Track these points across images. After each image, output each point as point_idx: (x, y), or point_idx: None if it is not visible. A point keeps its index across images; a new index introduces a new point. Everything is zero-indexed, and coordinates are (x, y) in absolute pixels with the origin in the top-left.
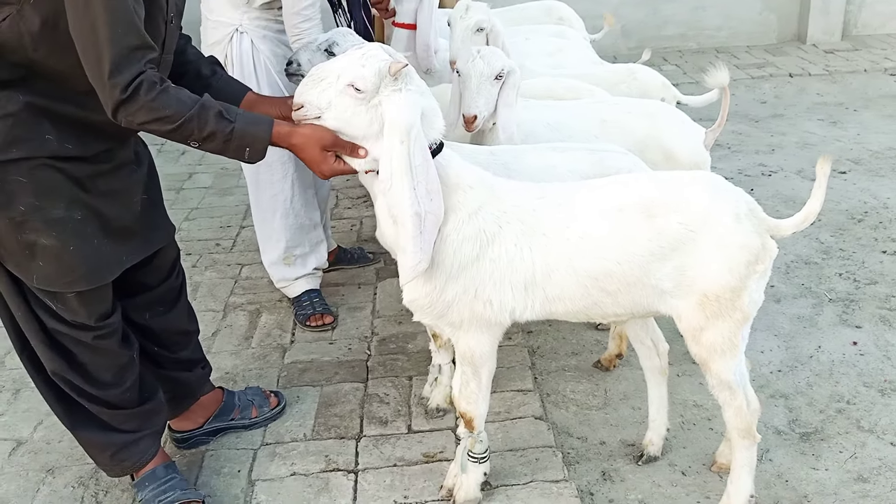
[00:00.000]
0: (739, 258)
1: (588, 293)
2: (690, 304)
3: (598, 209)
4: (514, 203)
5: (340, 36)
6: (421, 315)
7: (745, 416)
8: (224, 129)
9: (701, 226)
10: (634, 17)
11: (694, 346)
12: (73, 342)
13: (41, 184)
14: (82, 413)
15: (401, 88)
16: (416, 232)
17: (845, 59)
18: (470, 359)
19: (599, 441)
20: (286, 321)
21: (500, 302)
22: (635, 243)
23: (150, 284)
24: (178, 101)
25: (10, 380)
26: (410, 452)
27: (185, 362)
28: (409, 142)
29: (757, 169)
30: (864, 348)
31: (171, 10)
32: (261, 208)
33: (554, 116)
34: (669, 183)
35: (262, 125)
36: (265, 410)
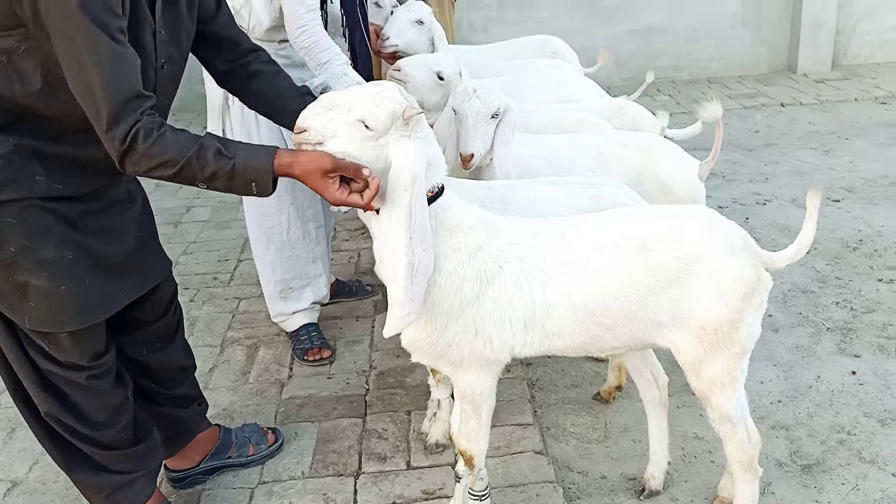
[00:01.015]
0: (735, 291)
1: (587, 328)
2: (688, 337)
3: (594, 244)
4: (512, 241)
5: (335, 79)
6: (419, 356)
7: (746, 449)
8: (225, 166)
9: (696, 259)
10: (627, 50)
11: (694, 380)
12: (66, 383)
13: (31, 224)
14: (77, 454)
15: (409, 135)
16: (407, 282)
17: (836, 89)
18: (470, 397)
19: (600, 475)
20: (284, 356)
21: (501, 340)
22: (632, 278)
23: (147, 320)
24: (177, 144)
25: (4, 419)
26: (410, 489)
27: (181, 399)
28: (412, 191)
29: (751, 198)
30: (863, 377)
31: (160, 56)
32: (257, 241)
33: (550, 151)
34: (665, 217)
35: (263, 157)
36: (262, 448)
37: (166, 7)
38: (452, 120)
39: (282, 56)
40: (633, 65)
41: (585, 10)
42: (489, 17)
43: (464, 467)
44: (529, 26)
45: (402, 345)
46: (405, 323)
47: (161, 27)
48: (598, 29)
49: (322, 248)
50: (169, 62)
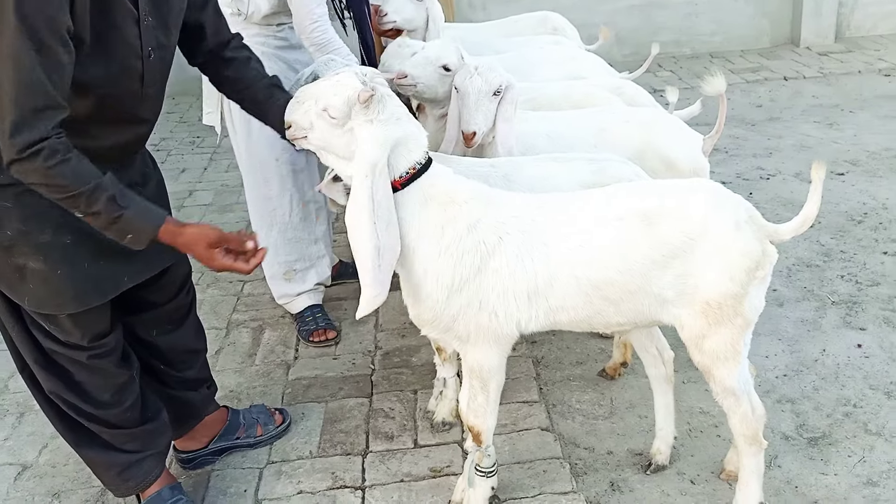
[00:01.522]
0: (740, 265)
1: (590, 302)
2: (693, 312)
3: (598, 218)
4: (514, 213)
5: (322, 67)
6: (427, 329)
7: (750, 422)
8: (112, 213)
9: (701, 234)
10: (628, 25)
11: (696, 354)
12: (68, 361)
13: (27, 209)
14: (84, 431)
15: (372, 119)
16: (374, 265)
17: (839, 62)
18: (478, 372)
19: (607, 451)
20: (289, 337)
21: (506, 313)
22: (636, 252)
23: (157, 302)
24: (76, 176)
25: (13, 403)
26: (417, 467)
27: (190, 381)
28: (372, 177)
29: (755, 172)
30: (869, 350)
31: (147, 44)
32: (260, 224)
33: (552, 127)
34: (669, 191)
35: (151, 221)
36: (270, 428)
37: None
38: (455, 98)
39: (280, 38)
40: (633, 40)
41: None
42: None
43: (472, 443)
44: (529, 3)
45: (410, 317)
46: (374, 304)
47: (148, 14)
48: (598, 5)
49: (323, 228)
50: (157, 49)
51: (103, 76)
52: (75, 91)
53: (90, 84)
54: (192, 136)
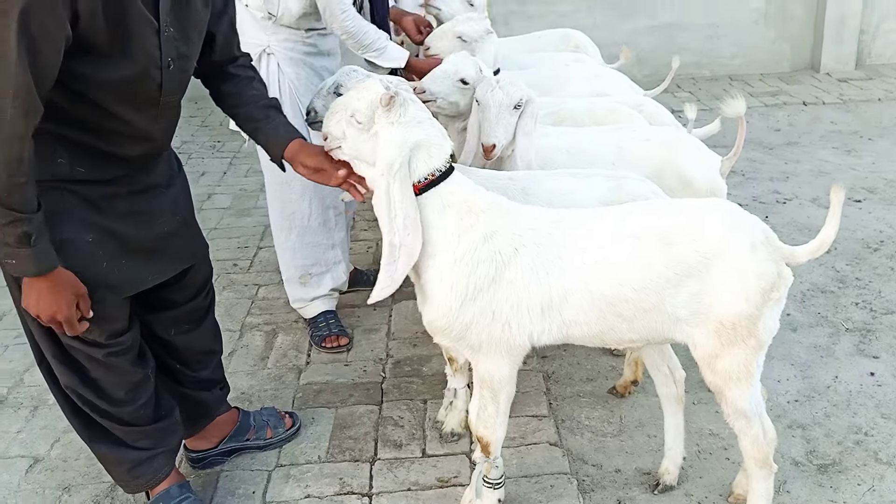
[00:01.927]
0: (755, 286)
1: (604, 318)
2: (706, 331)
3: (615, 234)
4: (530, 226)
5: (345, 76)
6: (440, 337)
7: (761, 445)
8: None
9: (717, 254)
10: (648, 45)
11: (709, 374)
12: (85, 358)
13: (50, 206)
14: (97, 427)
15: (393, 121)
16: (388, 260)
17: (859, 88)
18: (489, 383)
19: (615, 469)
20: (302, 342)
21: (519, 324)
22: (651, 270)
23: (177, 302)
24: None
25: (28, 396)
26: (425, 477)
27: (204, 382)
28: (388, 176)
29: (771, 196)
30: (882, 379)
31: (167, 54)
32: (279, 227)
33: (572, 143)
34: (686, 210)
35: (44, 264)
36: (280, 431)
37: (175, 4)
38: (476, 110)
39: (308, 44)
40: (654, 61)
41: (607, 5)
42: (510, 11)
43: (480, 454)
44: (551, 20)
45: (423, 323)
46: (381, 295)
47: (169, 24)
48: (619, 24)
49: (342, 235)
50: (178, 60)
51: (119, 82)
52: (93, 95)
53: (107, 89)
54: (213, 141)
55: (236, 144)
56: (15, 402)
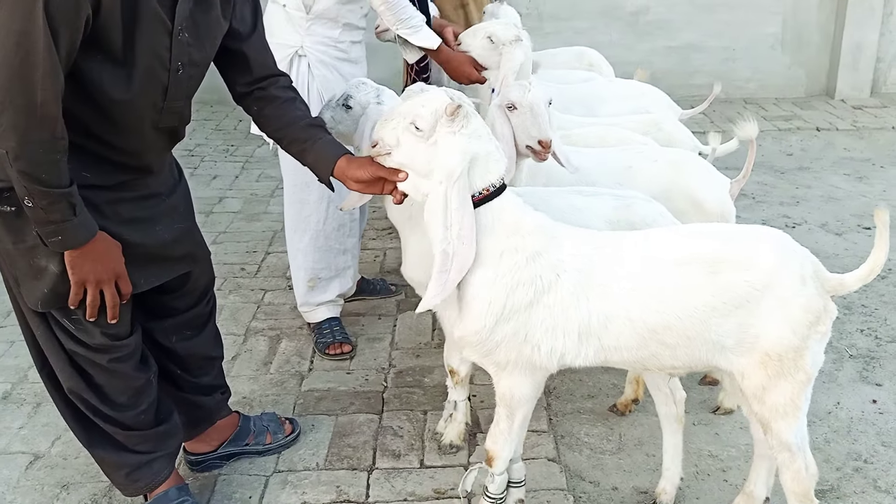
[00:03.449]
0: (803, 320)
1: (646, 345)
2: (752, 362)
3: (660, 261)
4: (573, 251)
5: (354, 88)
6: (469, 352)
7: (803, 479)
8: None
9: (766, 285)
10: (664, 66)
11: (757, 406)
12: (89, 363)
13: None
14: (98, 431)
15: (455, 132)
16: (441, 268)
17: (873, 116)
18: (508, 400)
19: (612, 486)
20: (305, 348)
21: (551, 348)
22: (697, 298)
23: (178, 309)
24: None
25: (31, 393)
26: (422, 488)
27: (205, 387)
28: (447, 184)
29: (781, 220)
30: (884, 407)
31: (177, 59)
32: (293, 229)
33: (578, 161)
34: (736, 238)
35: (91, 228)
36: (279, 437)
37: (195, 9)
38: (504, 117)
39: (340, 50)
40: (668, 81)
41: (624, 24)
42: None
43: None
44: (568, 37)
45: (454, 338)
46: (430, 304)
47: (184, 28)
48: (636, 44)
49: (353, 241)
50: (188, 66)
51: (125, 81)
52: (99, 99)
53: (110, 86)
54: (227, 144)
55: (249, 149)
56: (18, 398)
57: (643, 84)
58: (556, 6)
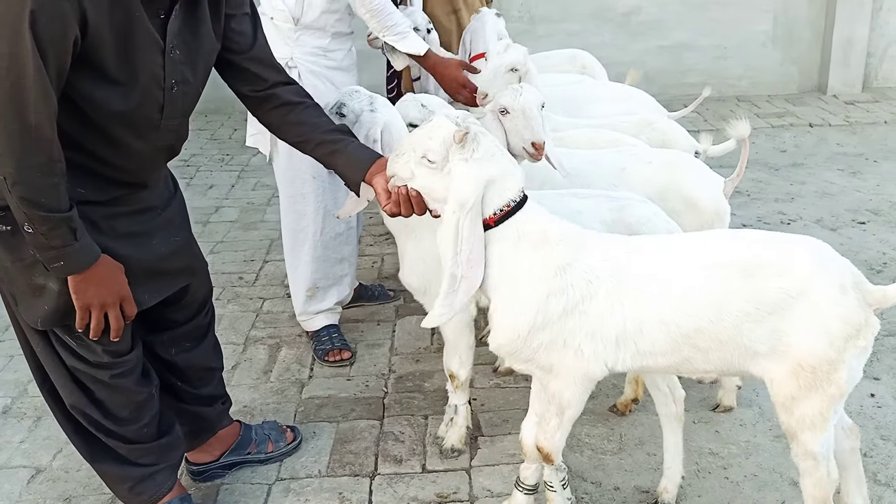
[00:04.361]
0: (840, 331)
1: (679, 349)
2: (784, 371)
3: (693, 265)
4: (605, 257)
5: (347, 96)
6: (509, 361)
7: (824, 486)
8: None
9: (802, 293)
10: (657, 66)
11: (784, 416)
12: (90, 379)
13: None
14: (100, 446)
15: (467, 158)
16: (448, 290)
17: (865, 111)
18: (558, 401)
19: (613, 486)
20: (305, 356)
21: (594, 352)
22: (730, 303)
23: (177, 321)
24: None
25: (31, 407)
26: (424, 492)
27: (206, 398)
28: (459, 214)
29: (776, 217)
30: (882, 400)
31: (171, 76)
32: (291, 240)
33: (572, 163)
34: (773, 244)
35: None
36: (281, 445)
37: (184, 27)
38: (498, 120)
39: (330, 59)
40: (661, 81)
41: (616, 25)
42: (519, 30)
43: (545, 466)
44: (560, 39)
45: (490, 349)
46: (436, 322)
47: (175, 46)
48: (628, 44)
49: (350, 248)
50: (181, 83)
51: (121, 99)
52: (95, 116)
53: (110, 110)
54: (222, 154)
55: (245, 158)
56: (18, 412)
57: (630, 87)
58: (548, 9)
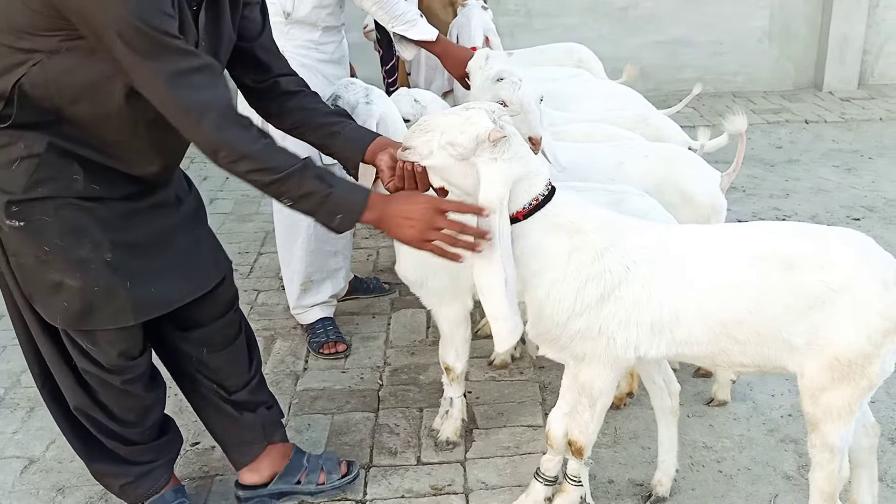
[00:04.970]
0: (880, 327)
1: (716, 339)
2: (819, 364)
3: (733, 255)
4: (643, 244)
5: (343, 88)
6: (544, 349)
7: (834, 481)
8: (321, 191)
9: (844, 287)
10: (653, 61)
11: (809, 405)
12: (99, 382)
13: (66, 224)
14: (99, 447)
15: (496, 158)
16: (507, 297)
17: (861, 108)
18: (589, 391)
19: (608, 480)
20: (300, 348)
21: (626, 339)
22: (770, 295)
23: (205, 319)
24: (283, 155)
25: (24, 398)
26: (419, 484)
27: (244, 403)
28: (498, 213)
29: (771, 213)
30: (876, 396)
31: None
32: (283, 233)
33: (570, 157)
34: (816, 237)
35: (359, 196)
36: (334, 478)
37: (210, 18)
38: None
39: (322, 52)
40: (657, 76)
41: (613, 20)
42: (516, 23)
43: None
44: (557, 33)
45: (529, 337)
46: (516, 335)
47: (203, 37)
48: (625, 39)
49: (344, 242)
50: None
51: None
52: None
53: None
54: None
55: None
56: (11, 402)
57: (620, 85)
58: (545, 3)
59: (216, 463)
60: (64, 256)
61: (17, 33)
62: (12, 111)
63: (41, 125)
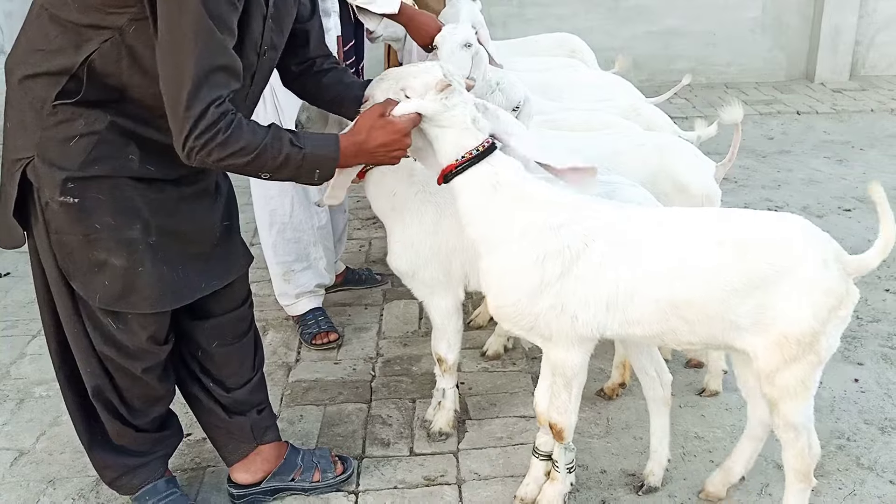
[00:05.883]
0: (824, 303)
1: (666, 319)
2: (767, 343)
3: (685, 238)
4: (604, 221)
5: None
6: (509, 326)
7: (805, 458)
8: (297, 154)
9: (789, 268)
10: (646, 51)
11: (767, 387)
12: (116, 367)
13: (120, 203)
14: (102, 436)
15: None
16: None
17: (853, 99)
18: (562, 371)
19: (600, 469)
20: (292, 339)
21: (586, 318)
22: (720, 277)
23: (219, 311)
24: (252, 131)
25: (14, 389)
26: (411, 475)
27: (241, 402)
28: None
29: (763, 204)
30: (866, 385)
31: (265, 43)
32: (261, 222)
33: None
34: (759, 221)
35: (329, 146)
36: (329, 476)
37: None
38: None
39: None
40: (650, 67)
41: (605, 10)
42: (508, 13)
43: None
44: (549, 23)
45: (491, 313)
46: None
47: (271, 15)
48: (617, 29)
49: (324, 232)
50: (270, 50)
51: None
52: None
53: None
54: None
55: None
56: (1, 394)
57: (612, 76)
58: None
59: (208, 454)
60: (113, 235)
61: (87, 10)
62: (81, 87)
63: (105, 103)
